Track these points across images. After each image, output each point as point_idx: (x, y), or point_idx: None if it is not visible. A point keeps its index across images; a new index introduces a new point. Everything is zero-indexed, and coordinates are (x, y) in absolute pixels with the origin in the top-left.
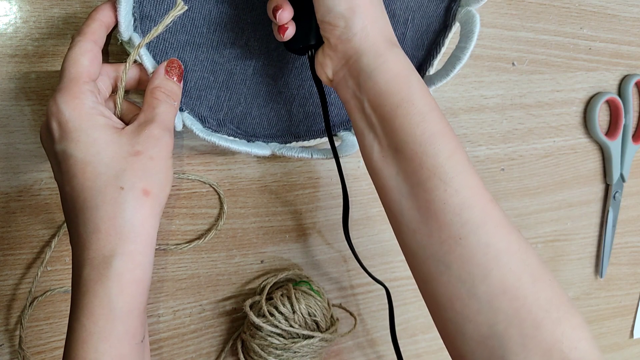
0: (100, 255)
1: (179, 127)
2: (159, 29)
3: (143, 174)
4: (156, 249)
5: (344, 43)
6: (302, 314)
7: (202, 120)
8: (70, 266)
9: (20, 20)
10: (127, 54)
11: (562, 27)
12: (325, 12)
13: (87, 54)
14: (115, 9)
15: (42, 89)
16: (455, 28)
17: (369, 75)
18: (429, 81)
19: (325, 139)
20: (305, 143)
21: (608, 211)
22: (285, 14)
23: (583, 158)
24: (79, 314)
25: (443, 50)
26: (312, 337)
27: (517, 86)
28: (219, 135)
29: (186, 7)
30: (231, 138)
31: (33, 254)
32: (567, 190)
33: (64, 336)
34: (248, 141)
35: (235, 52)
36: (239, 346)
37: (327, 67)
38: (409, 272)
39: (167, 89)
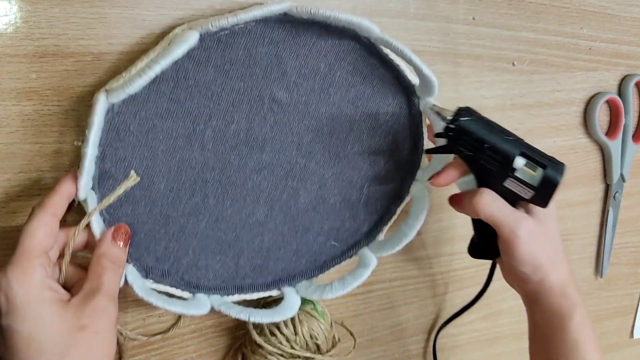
0: None
1: (120, 284)
2: (111, 199)
3: (87, 350)
4: None
5: (522, 281)
6: (304, 336)
7: (147, 271)
8: None
9: (20, 20)
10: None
11: (562, 27)
12: (510, 268)
13: (43, 227)
14: (76, 179)
15: (42, 89)
16: (408, 199)
17: (536, 304)
18: (377, 248)
19: (265, 293)
20: (248, 296)
21: (608, 211)
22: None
23: (583, 158)
24: None
25: (394, 217)
26: (313, 359)
27: (517, 86)
28: (157, 295)
29: (138, 179)
30: (169, 299)
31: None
32: (567, 190)
33: None
34: (190, 292)
35: (190, 208)
36: (239, 359)
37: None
38: (409, 272)
39: (113, 255)
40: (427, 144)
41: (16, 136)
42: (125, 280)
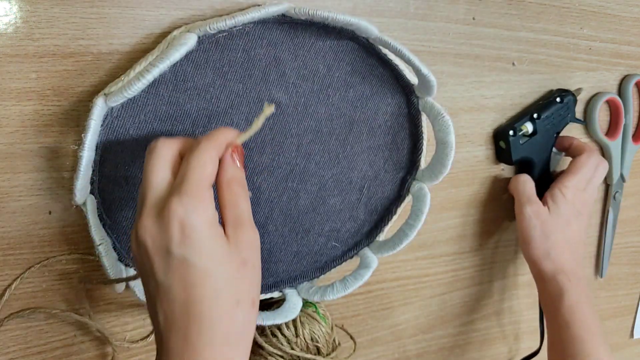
0: None
1: (120, 290)
2: (252, 130)
3: (251, 285)
4: None
5: (526, 258)
6: (305, 338)
7: None
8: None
9: (20, 20)
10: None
11: (562, 27)
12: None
13: (211, 161)
14: (237, 135)
15: (42, 89)
16: (408, 200)
17: (537, 283)
18: (378, 249)
19: (266, 295)
20: None
21: (608, 211)
22: None
23: None
24: None
25: (395, 218)
26: None
27: (517, 86)
28: None
29: (273, 109)
30: None
31: (33, 254)
32: None
33: (64, 336)
34: None
35: None
36: None
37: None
38: (409, 272)
39: (241, 179)
40: (427, 143)
41: (16, 136)
42: (127, 285)
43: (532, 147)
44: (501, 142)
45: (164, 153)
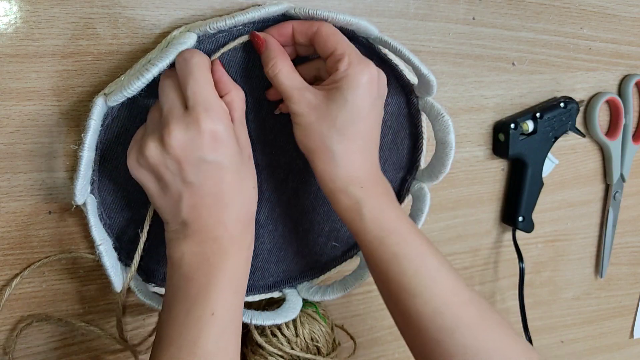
0: (241, 236)
1: (118, 289)
2: (227, 47)
3: (253, 170)
4: None
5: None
6: (304, 338)
7: (149, 275)
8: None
9: (20, 20)
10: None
11: (562, 27)
12: None
13: (209, 76)
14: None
15: (42, 89)
16: (408, 200)
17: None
18: None
19: (267, 295)
20: (249, 298)
21: (608, 211)
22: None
23: (583, 158)
24: (224, 263)
25: None
26: None
27: (517, 86)
28: (158, 299)
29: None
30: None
31: (33, 254)
32: (567, 190)
33: (63, 336)
34: None
35: None
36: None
37: None
38: None
39: (230, 81)
40: (427, 143)
41: (16, 136)
42: (128, 286)
43: (530, 145)
44: (500, 134)
45: (170, 81)
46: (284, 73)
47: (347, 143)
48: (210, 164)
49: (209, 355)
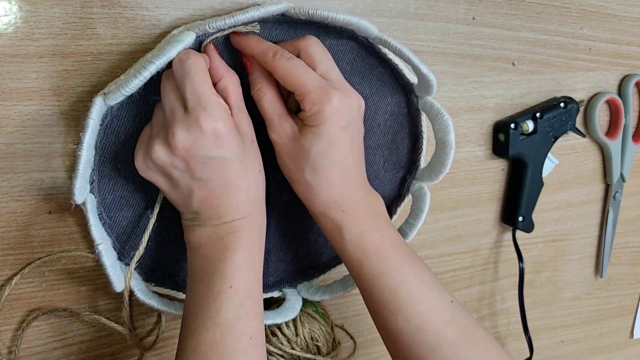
0: (252, 216)
1: (119, 289)
2: (217, 35)
3: (257, 156)
4: None
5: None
6: (304, 337)
7: (148, 274)
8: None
9: (20, 20)
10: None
11: (562, 27)
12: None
13: (206, 75)
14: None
15: (42, 89)
16: (408, 199)
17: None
18: None
19: (266, 294)
20: None
21: (608, 211)
22: None
23: (583, 158)
24: (237, 241)
25: (395, 217)
26: None
27: (517, 86)
28: (158, 299)
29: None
30: (171, 302)
31: (33, 254)
32: (567, 190)
33: (63, 336)
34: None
35: None
36: None
37: None
38: None
39: (228, 71)
40: (427, 143)
41: (16, 136)
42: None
43: (529, 145)
44: (500, 134)
45: (170, 83)
46: (267, 99)
47: (321, 174)
48: (215, 159)
49: (231, 323)
